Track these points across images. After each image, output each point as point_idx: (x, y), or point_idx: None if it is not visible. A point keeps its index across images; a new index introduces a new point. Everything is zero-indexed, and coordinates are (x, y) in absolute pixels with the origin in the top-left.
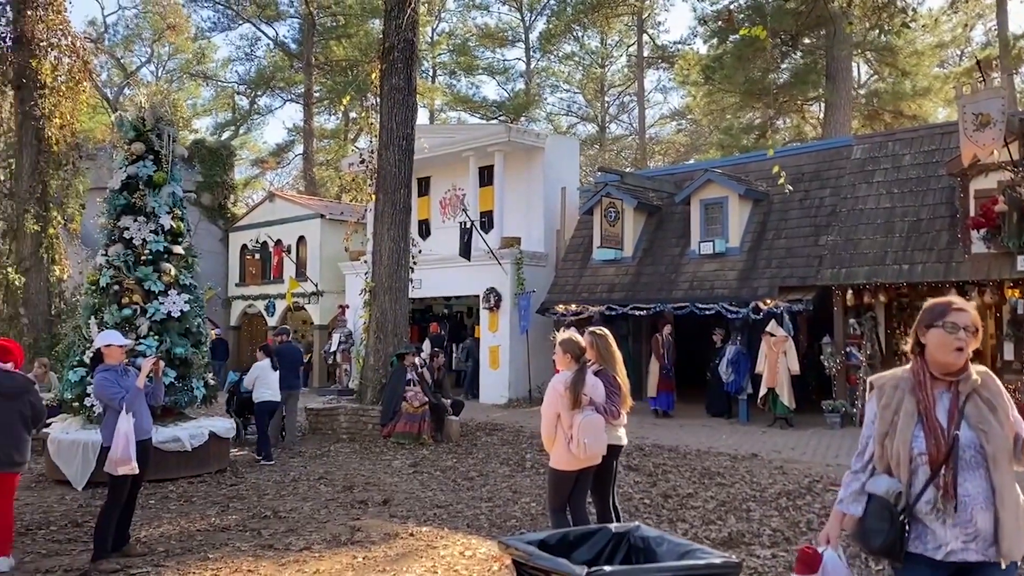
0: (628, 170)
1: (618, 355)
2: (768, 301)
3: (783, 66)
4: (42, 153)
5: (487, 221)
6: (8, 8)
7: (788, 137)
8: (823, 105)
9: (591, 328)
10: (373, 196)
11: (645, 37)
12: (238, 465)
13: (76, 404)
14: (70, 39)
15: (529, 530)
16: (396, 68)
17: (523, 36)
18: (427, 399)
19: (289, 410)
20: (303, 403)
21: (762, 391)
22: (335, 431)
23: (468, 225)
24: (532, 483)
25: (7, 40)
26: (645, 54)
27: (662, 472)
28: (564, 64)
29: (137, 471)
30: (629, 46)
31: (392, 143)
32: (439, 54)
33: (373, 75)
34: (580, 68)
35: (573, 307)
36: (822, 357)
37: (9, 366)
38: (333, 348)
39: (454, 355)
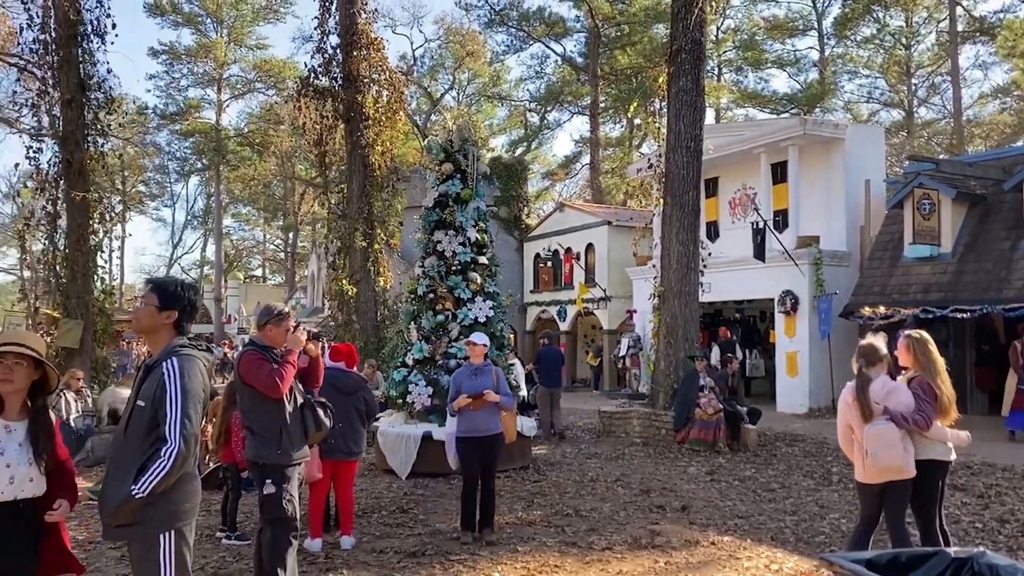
0: (943, 157)
1: (939, 361)
2: None
3: None
4: (367, 178)
5: (781, 220)
6: (339, 51)
7: None
8: None
9: (907, 331)
10: (660, 200)
11: (959, 9)
12: (539, 463)
13: (400, 401)
14: (387, 74)
15: (839, 548)
16: (683, 70)
17: (815, 23)
18: (721, 406)
19: (554, 406)
20: (595, 405)
21: None
22: (628, 434)
23: (761, 225)
24: (840, 498)
25: (338, 80)
26: (959, 28)
27: (995, 494)
28: (863, 48)
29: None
30: (940, 21)
31: (680, 145)
32: (724, 51)
33: (660, 79)
34: (881, 51)
35: (881, 310)
36: None
37: (341, 365)
38: (622, 352)
39: (748, 361)
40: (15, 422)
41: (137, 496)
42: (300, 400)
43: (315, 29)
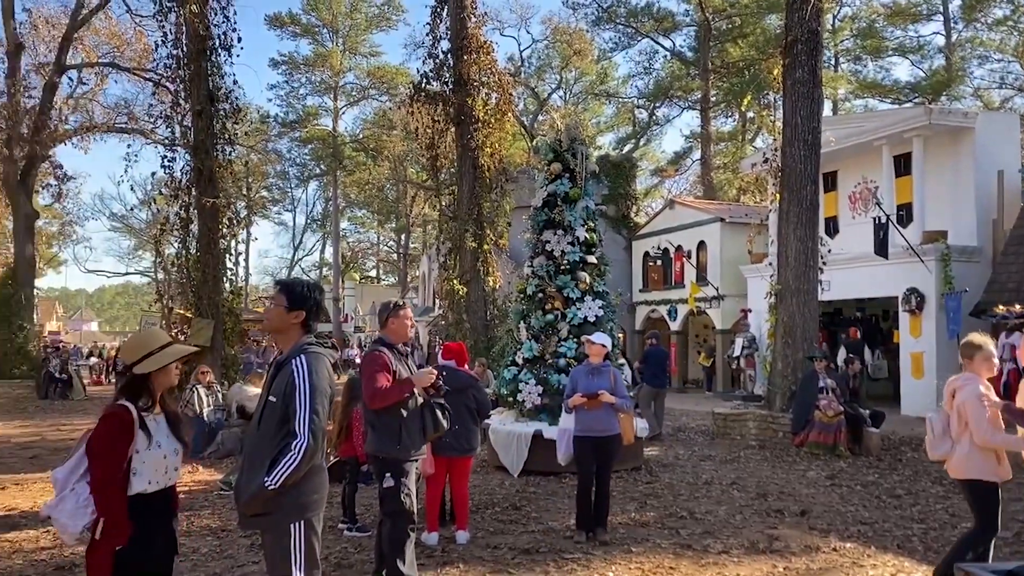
0: None
1: None
2: None
3: None
4: (477, 179)
5: (905, 214)
6: (450, 56)
7: None
8: None
9: None
10: (777, 196)
11: None
12: (652, 464)
13: (511, 399)
14: (496, 76)
15: (972, 559)
16: (799, 61)
17: (941, 8)
18: (842, 408)
19: (658, 406)
20: (708, 407)
21: None
22: (744, 437)
23: (883, 220)
24: None
25: (449, 84)
26: None
27: None
28: (994, 31)
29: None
30: None
31: (797, 139)
32: (842, 40)
33: (774, 71)
34: (1015, 32)
35: (1017, 308)
36: None
37: (452, 363)
38: (736, 353)
39: (870, 362)
40: (159, 415)
41: (269, 488)
42: (421, 400)
43: (426, 35)
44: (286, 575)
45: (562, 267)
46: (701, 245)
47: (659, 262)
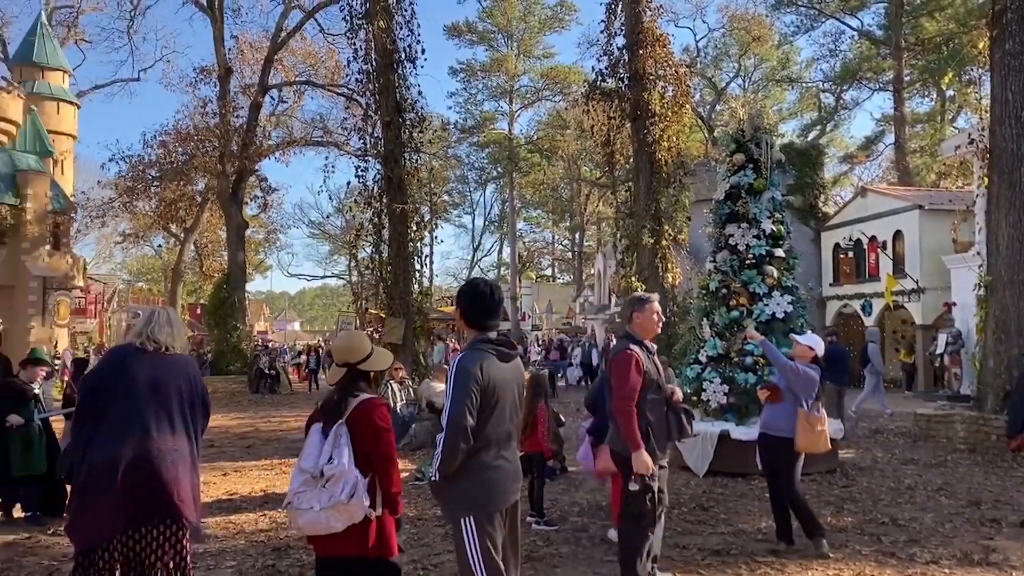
0: None
1: None
2: None
3: None
4: (654, 174)
5: None
6: (625, 52)
7: None
8: None
9: None
10: (984, 179)
11: None
12: (847, 467)
13: (695, 398)
14: (673, 69)
15: None
16: (1009, 32)
17: None
18: None
19: (840, 404)
20: (910, 408)
21: None
22: (950, 440)
23: None
24: None
25: (624, 80)
26: None
27: None
28: None
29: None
30: None
31: (1008, 116)
32: None
33: (980, 45)
34: None
35: None
36: None
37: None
38: (939, 350)
39: None
40: None
41: (432, 479)
42: (665, 406)
43: (601, 33)
44: (465, 566)
45: (747, 262)
46: (897, 235)
47: (851, 254)
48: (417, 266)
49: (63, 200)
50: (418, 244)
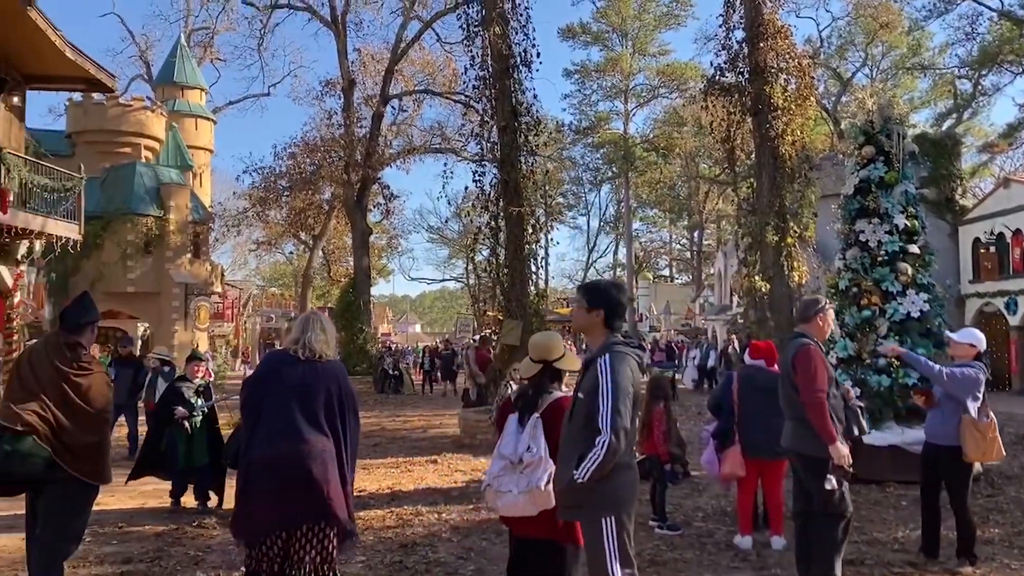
0: None
1: None
2: None
3: None
4: (777, 170)
5: None
6: (744, 45)
7: None
8: None
9: None
10: None
11: None
12: (992, 475)
13: None
14: (795, 61)
15: None
16: None
17: None
18: None
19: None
20: None
21: None
22: None
23: None
24: None
25: (745, 74)
26: None
27: None
28: None
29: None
30: None
31: None
32: None
33: None
34: None
35: None
36: None
37: (761, 363)
38: None
39: None
40: None
41: (578, 481)
42: (844, 403)
43: (719, 27)
44: (602, 567)
45: (879, 259)
46: None
47: (993, 249)
48: (533, 268)
49: (202, 211)
50: (534, 246)
